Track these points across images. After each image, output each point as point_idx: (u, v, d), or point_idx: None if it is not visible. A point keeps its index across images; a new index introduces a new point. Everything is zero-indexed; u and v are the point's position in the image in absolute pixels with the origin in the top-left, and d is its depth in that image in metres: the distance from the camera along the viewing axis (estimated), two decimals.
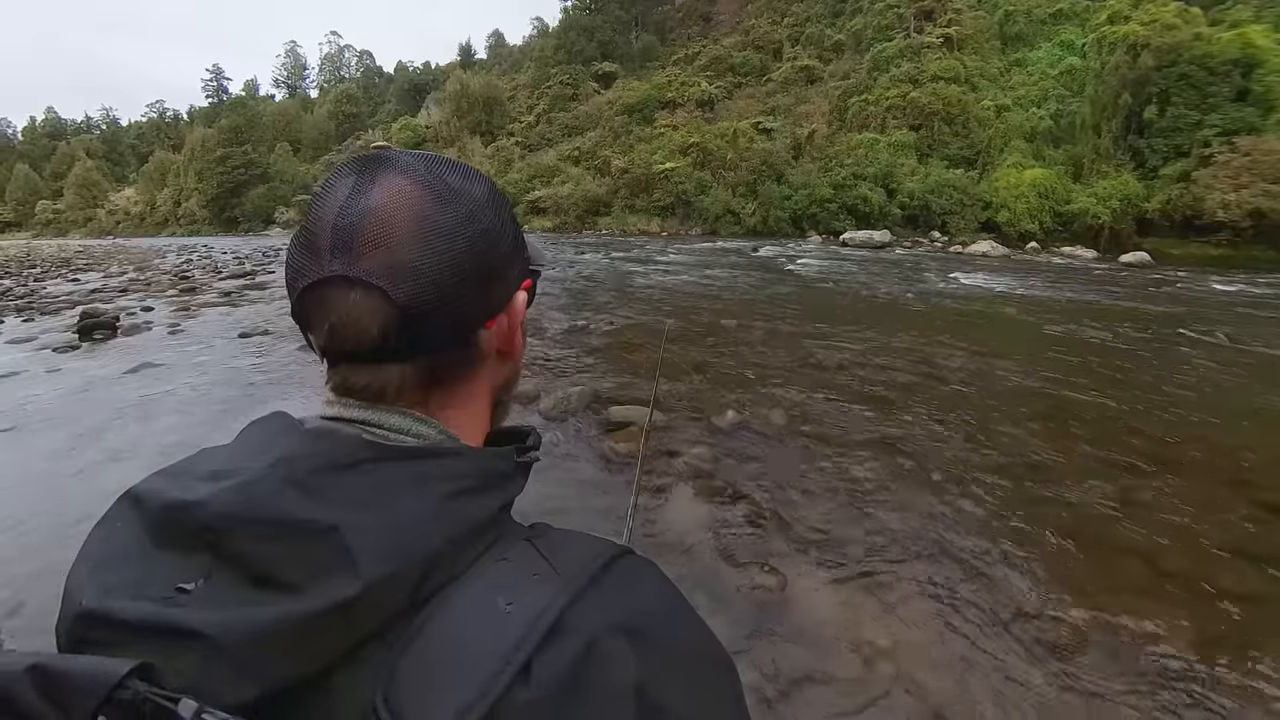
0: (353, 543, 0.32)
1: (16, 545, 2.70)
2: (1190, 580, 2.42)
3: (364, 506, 0.34)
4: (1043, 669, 1.97)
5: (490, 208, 0.42)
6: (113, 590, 0.33)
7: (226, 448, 0.40)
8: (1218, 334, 7.16)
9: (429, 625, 0.32)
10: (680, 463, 3.41)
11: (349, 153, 57.72)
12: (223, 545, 0.33)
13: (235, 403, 4.68)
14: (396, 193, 0.39)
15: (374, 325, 0.38)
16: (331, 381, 0.42)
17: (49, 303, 9.89)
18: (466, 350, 0.43)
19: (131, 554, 0.35)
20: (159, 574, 0.33)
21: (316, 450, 0.36)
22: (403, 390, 0.41)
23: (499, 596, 0.33)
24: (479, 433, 0.47)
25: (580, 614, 0.33)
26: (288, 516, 0.33)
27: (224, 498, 0.33)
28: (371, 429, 0.40)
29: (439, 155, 0.43)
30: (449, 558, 0.34)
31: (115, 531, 0.37)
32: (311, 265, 0.38)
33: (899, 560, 2.53)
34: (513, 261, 0.44)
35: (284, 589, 0.31)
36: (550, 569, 0.35)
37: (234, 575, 0.32)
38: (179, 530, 0.34)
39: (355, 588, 0.31)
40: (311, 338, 0.41)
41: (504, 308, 0.44)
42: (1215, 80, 20.32)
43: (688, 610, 0.38)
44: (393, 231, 0.38)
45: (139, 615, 0.31)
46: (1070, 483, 3.22)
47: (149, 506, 0.36)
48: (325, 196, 0.40)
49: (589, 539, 0.39)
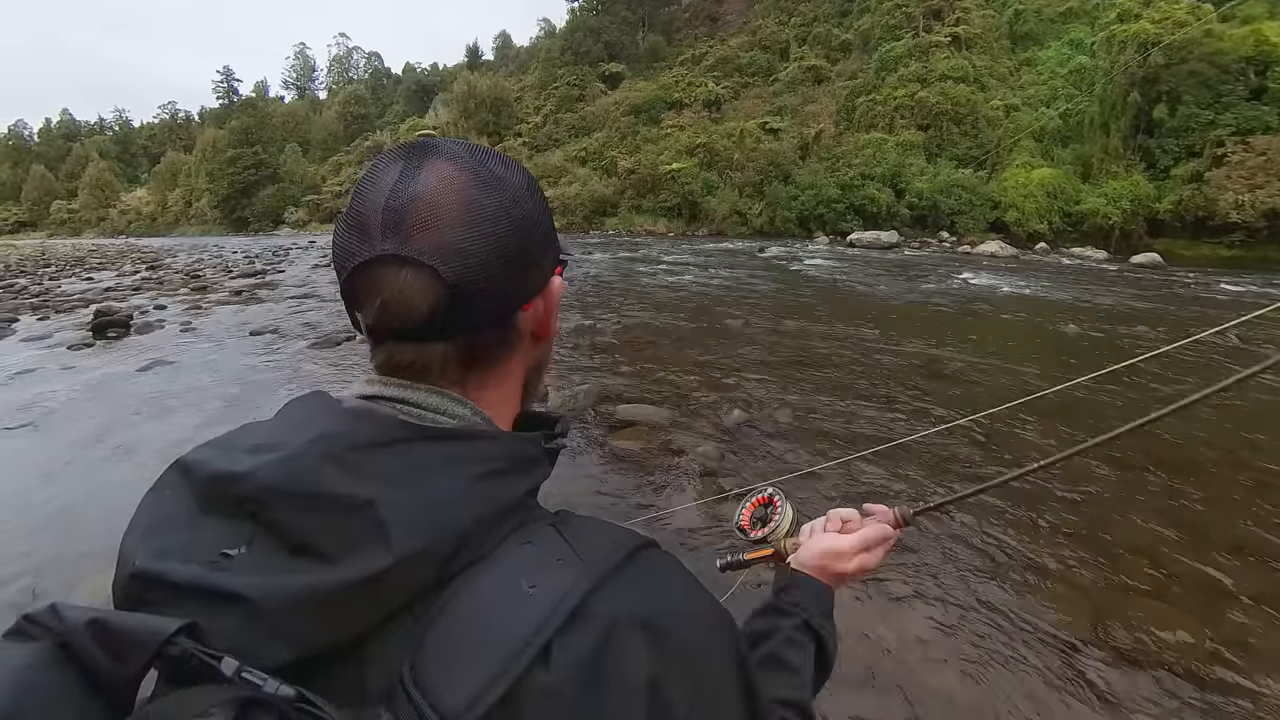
0: (387, 517, 0.33)
1: (31, 538, 2.75)
2: (1200, 582, 2.40)
3: (398, 484, 0.35)
4: (1049, 670, 1.97)
5: (529, 195, 0.44)
6: (163, 553, 0.35)
7: (268, 423, 0.41)
8: (1230, 335, 7.08)
9: (455, 602, 0.33)
10: (687, 460, 3.42)
11: (358, 153, 58.17)
12: (264, 514, 0.34)
13: (245, 400, 4.74)
14: (444, 178, 0.40)
15: (424, 303, 0.39)
16: (377, 358, 0.43)
17: (63, 301, 10.04)
18: (505, 331, 0.44)
19: (180, 520, 0.37)
20: (205, 539, 0.35)
21: (355, 429, 0.38)
22: (445, 368, 0.42)
23: (523, 579, 0.34)
24: (510, 413, 0.48)
25: (601, 601, 0.34)
26: (326, 490, 0.34)
27: (267, 470, 0.35)
28: (409, 408, 0.41)
29: (481, 145, 0.45)
30: (477, 537, 0.35)
31: (165, 499, 0.38)
32: (362, 245, 0.39)
33: (904, 561, 2.52)
34: (548, 248, 0.46)
35: (320, 558, 0.33)
36: (574, 554, 0.36)
37: (274, 543, 0.34)
38: (224, 499, 0.36)
39: (387, 560, 0.32)
40: (360, 315, 0.42)
41: (540, 291, 0.46)
42: (1228, 78, 20.07)
43: (706, 606, 0.39)
44: (441, 214, 0.39)
45: (187, 577, 0.33)
46: (1078, 483, 3.20)
47: (197, 476, 0.38)
48: (373, 181, 0.41)
49: (613, 528, 0.40)
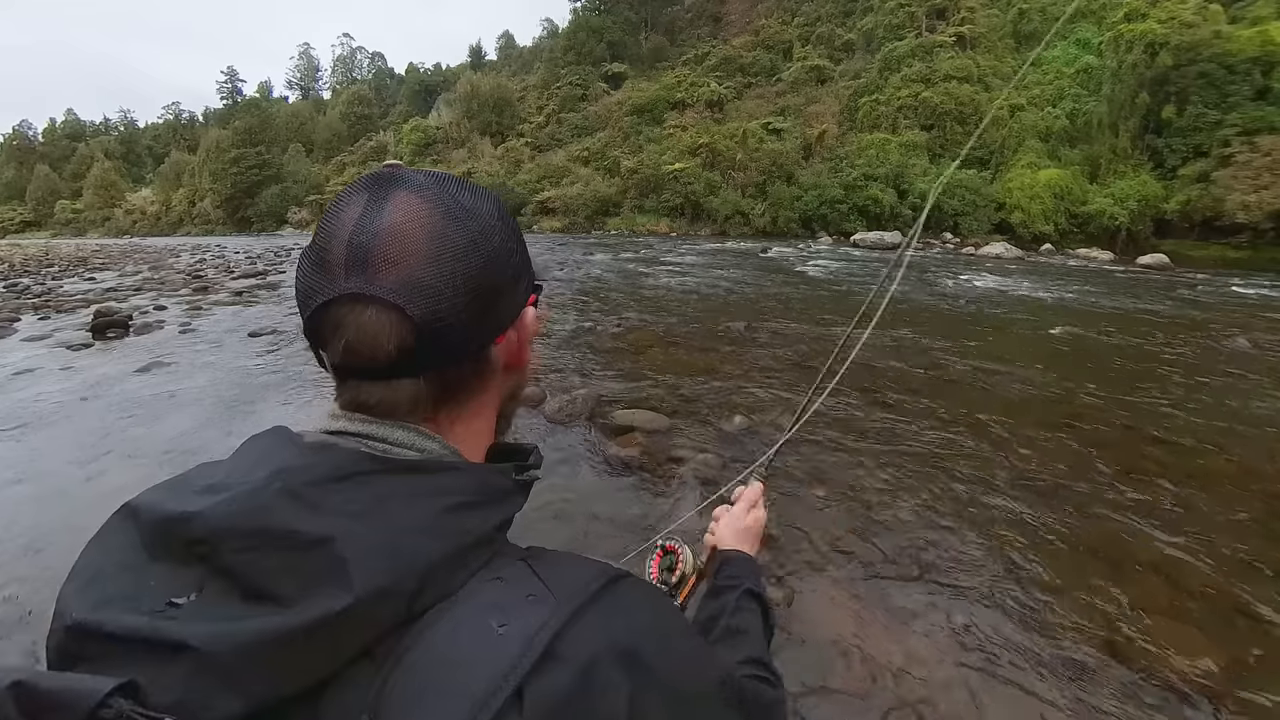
0: (347, 554, 0.31)
1: (18, 545, 2.70)
2: (1215, 599, 2.33)
3: (359, 517, 0.33)
4: (1060, 692, 1.89)
5: (501, 224, 0.43)
6: (104, 603, 0.33)
7: (225, 462, 0.40)
8: (1240, 339, 6.99)
9: (419, 644, 0.31)
10: (686, 469, 3.35)
11: (361, 153, 58.29)
12: (215, 558, 0.32)
13: (241, 402, 4.69)
14: (410, 211, 0.39)
15: (390, 342, 0.37)
16: (342, 398, 0.41)
17: (65, 301, 10.01)
18: (477, 365, 0.43)
19: (125, 567, 0.34)
20: (152, 587, 0.33)
21: (314, 462, 0.36)
22: (415, 405, 0.41)
23: (493, 617, 0.32)
24: (483, 446, 0.46)
25: (574, 639, 0.32)
26: (281, 527, 0.32)
27: (219, 510, 0.33)
28: (372, 443, 0.39)
29: (448, 173, 0.43)
30: (443, 573, 0.34)
31: (110, 545, 0.36)
32: (325, 283, 0.38)
33: (910, 574, 2.45)
34: (520, 278, 0.45)
35: (275, 601, 0.31)
36: (545, 590, 0.35)
37: (226, 587, 0.32)
38: (174, 543, 0.34)
39: (347, 599, 0.30)
40: (324, 355, 0.40)
41: (513, 323, 0.45)
42: (1235, 79, 19.93)
43: (682, 633, 0.38)
44: (407, 249, 0.38)
45: (129, 628, 0.31)
46: (1089, 495, 3.12)
47: (145, 519, 0.35)
48: (337, 214, 0.40)
49: (585, 561, 0.39)
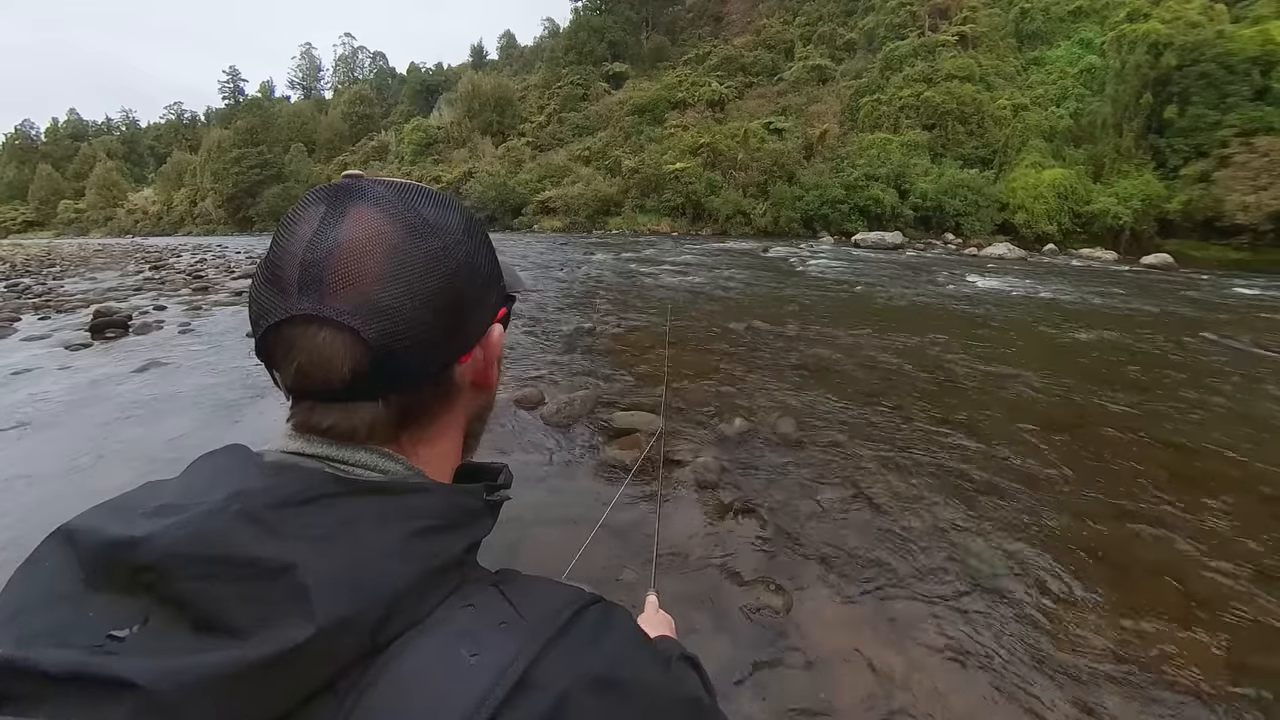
0: (309, 581, 0.30)
1: (11, 547, 2.68)
2: (1223, 604, 2.29)
3: (323, 543, 0.31)
4: (1065, 700, 1.86)
5: (466, 239, 0.40)
6: (35, 637, 0.29)
7: (175, 481, 0.37)
8: (1243, 339, 6.95)
9: (384, 676, 0.29)
10: (686, 473, 3.32)
11: (362, 153, 58.33)
12: (163, 586, 0.30)
13: (238, 402, 4.67)
14: (368, 226, 0.36)
15: (344, 365, 0.35)
16: (295, 419, 0.39)
17: (65, 301, 10.01)
18: (441, 387, 0.41)
19: (59, 597, 0.31)
20: (89, 619, 0.30)
21: (275, 484, 0.34)
22: (374, 429, 0.39)
23: (463, 646, 0.31)
24: (450, 468, 0.45)
25: (548, 667, 0.31)
26: (240, 553, 0.30)
27: (170, 534, 0.30)
28: (335, 464, 0.37)
29: (413, 184, 0.41)
30: (411, 600, 0.32)
31: (42, 573, 0.33)
32: (277, 302, 0.36)
33: (911, 580, 2.42)
34: (488, 293, 0.43)
35: (228, 633, 0.28)
36: (518, 616, 0.34)
37: (173, 618, 0.29)
38: (117, 570, 0.31)
39: (308, 630, 0.28)
40: (278, 376, 0.38)
41: (479, 341, 0.43)
42: (1234, 79, 19.83)
43: (655, 658, 0.37)
44: (364, 268, 0.35)
45: (62, 664, 0.28)
46: (1094, 498, 3.09)
47: (85, 544, 0.32)
48: (291, 228, 0.37)
49: (558, 586, 0.38)
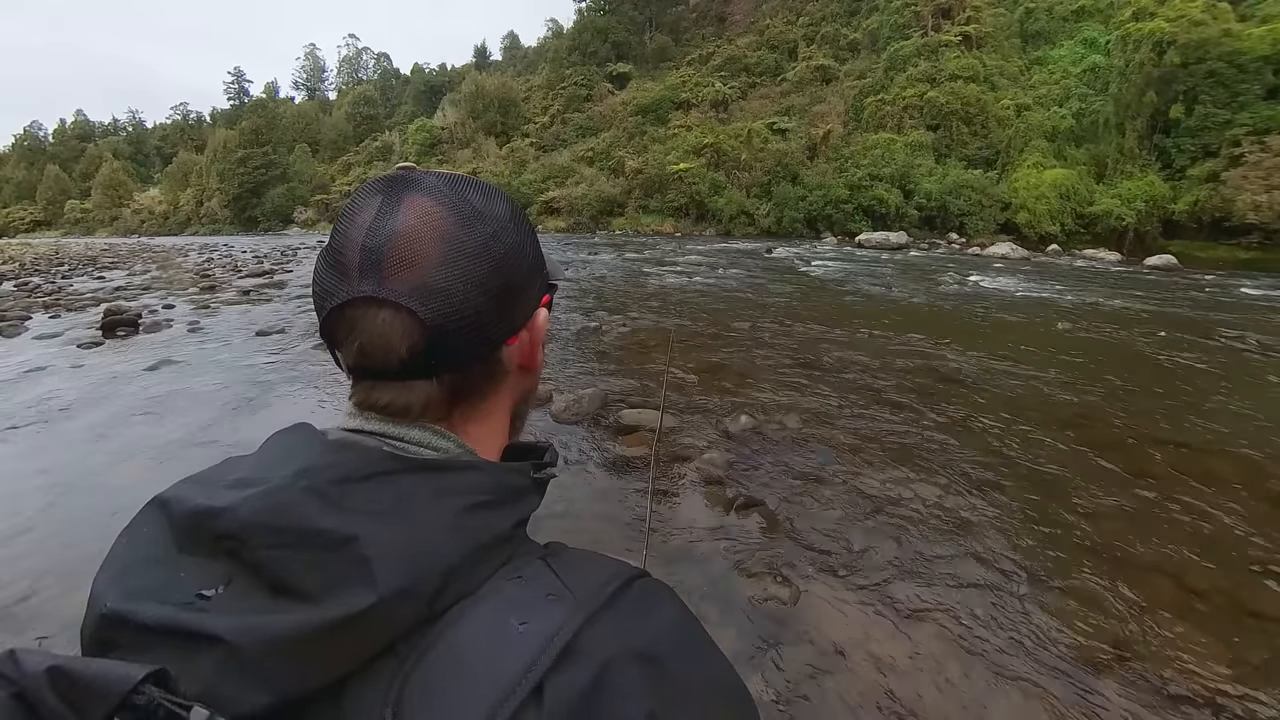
0: (370, 553, 0.32)
1: (30, 540, 2.74)
2: (1222, 601, 2.32)
3: (382, 517, 0.34)
4: (1066, 693, 1.90)
5: (513, 227, 0.43)
6: (136, 594, 0.34)
7: (251, 457, 0.41)
8: (1248, 339, 6.95)
9: (441, 642, 0.32)
10: (692, 468, 3.36)
11: (366, 153, 58.50)
12: (243, 552, 0.33)
13: (249, 400, 4.73)
14: (422, 214, 0.39)
15: (402, 344, 0.38)
16: (356, 396, 0.42)
17: (75, 299, 10.11)
18: (490, 367, 0.44)
19: (156, 559, 0.35)
20: (182, 579, 0.34)
21: (338, 461, 0.37)
22: (428, 407, 0.41)
23: (512, 616, 0.33)
24: (498, 446, 0.47)
25: (594, 637, 0.32)
26: (308, 525, 0.33)
27: (248, 505, 0.34)
28: (392, 441, 0.40)
29: (462, 175, 0.44)
30: (464, 572, 0.34)
31: (141, 537, 0.37)
32: (340, 285, 0.39)
33: (915, 574, 2.46)
34: (533, 279, 0.45)
35: (301, 598, 0.31)
36: (565, 589, 0.35)
37: (253, 582, 0.32)
38: (203, 536, 0.34)
39: (370, 599, 0.31)
40: (339, 355, 0.41)
41: (526, 324, 0.45)
42: (1246, 78, 19.76)
43: (703, 638, 0.37)
44: (419, 252, 0.38)
45: (160, 619, 0.32)
46: (1095, 495, 3.12)
47: (175, 512, 0.36)
48: (352, 217, 0.40)
49: (605, 560, 0.39)
